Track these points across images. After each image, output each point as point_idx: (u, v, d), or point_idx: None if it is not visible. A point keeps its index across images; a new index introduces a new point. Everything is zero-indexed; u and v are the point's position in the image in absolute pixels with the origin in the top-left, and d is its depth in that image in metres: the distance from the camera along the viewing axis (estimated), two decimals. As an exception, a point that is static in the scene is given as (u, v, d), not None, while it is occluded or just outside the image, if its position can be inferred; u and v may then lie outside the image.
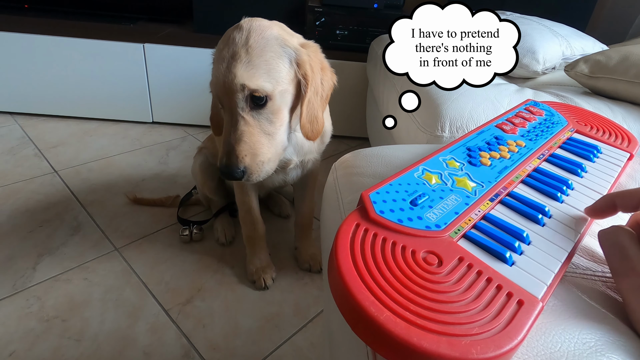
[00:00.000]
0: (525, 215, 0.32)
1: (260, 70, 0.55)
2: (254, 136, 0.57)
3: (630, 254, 0.27)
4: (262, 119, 0.58)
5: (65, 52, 1.41)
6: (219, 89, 0.57)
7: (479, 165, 0.37)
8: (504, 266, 0.27)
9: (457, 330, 0.22)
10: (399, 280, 0.24)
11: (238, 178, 0.58)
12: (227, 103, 0.57)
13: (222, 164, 0.58)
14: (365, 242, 0.27)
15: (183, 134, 1.54)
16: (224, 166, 0.58)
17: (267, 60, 0.56)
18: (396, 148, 0.49)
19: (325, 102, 0.65)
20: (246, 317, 0.81)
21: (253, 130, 0.57)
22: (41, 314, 0.77)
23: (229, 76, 0.55)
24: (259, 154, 0.58)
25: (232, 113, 0.57)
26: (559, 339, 0.25)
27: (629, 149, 0.47)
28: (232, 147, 0.57)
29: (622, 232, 0.28)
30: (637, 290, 0.26)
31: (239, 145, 0.57)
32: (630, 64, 0.78)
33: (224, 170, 0.58)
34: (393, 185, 0.32)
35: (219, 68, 0.56)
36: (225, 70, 0.55)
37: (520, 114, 0.50)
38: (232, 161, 0.57)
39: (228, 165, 0.57)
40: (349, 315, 0.24)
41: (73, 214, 1.05)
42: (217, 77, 0.56)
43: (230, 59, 0.55)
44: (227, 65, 0.55)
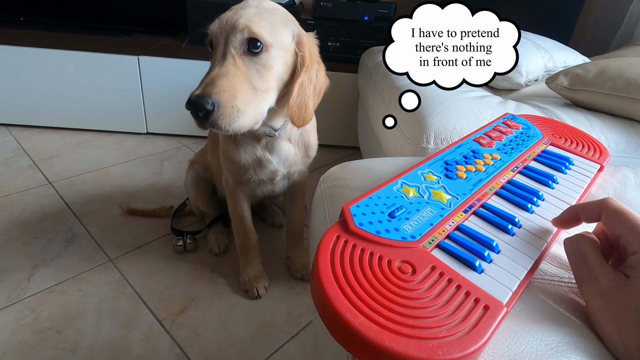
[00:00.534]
0: (496, 225, 0.34)
1: (265, 21, 0.56)
2: (237, 78, 0.53)
3: (591, 262, 0.29)
4: (252, 67, 0.55)
5: (60, 64, 1.43)
6: (217, 28, 0.55)
7: (455, 178, 0.39)
8: (473, 274, 0.29)
9: (426, 333, 0.24)
10: (375, 288, 0.26)
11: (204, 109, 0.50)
12: (222, 43, 0.55)
13: (192, 94, 0.51)
14: (344, 252, 0.29)
15: (177, 144, 1.56)
16: (194, 95, 0.50)
17: (274, 20, 0.57)
18: (381, 161, 0.51)
19: (318, 97, 0.65)
20: (239, 326, 0.82)
21: (239, 73, 0.54)
22: (36, 325, 0.78)
23: (233, 17, 0.54)
24: (238, 98, 0.52)
25: (224, 52, 0.54)
26: (523, 341, 0.27)
27: (599, 160, 0.49)
28: (211, 80, 0.51)
29: (585, 241, 0.30)
30: (597, 295, 0.28)
31: (220, 80, 0.51)
32: (607, 77, 0.81)
33: (192, 99, 0.50)
34: (372, 199, 0.35)
35: (226, 13, 0.56)
36: (231, 13, 0.55)
37: (497, 127, 0.53)
38: (206, 91, 0.50)
39: (200, 94, 0.50)
40: (328, 321, 0.26)
41: (67, 225, 1.06)
42: (220, 19, 0.56)
43: (239, 8, 0.56)
44: (234, 11, 0.55)
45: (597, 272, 0.28)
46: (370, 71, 1.15)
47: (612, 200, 0.30)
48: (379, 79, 1.05)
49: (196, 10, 1.56)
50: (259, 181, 0.77)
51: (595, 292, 0.28)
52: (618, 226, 0.29)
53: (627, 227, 0.28)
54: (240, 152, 0.73)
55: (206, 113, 0.50)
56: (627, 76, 0.79)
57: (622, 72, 0.80)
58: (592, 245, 0.30)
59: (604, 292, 0.27)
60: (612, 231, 0.30)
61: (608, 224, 0.30)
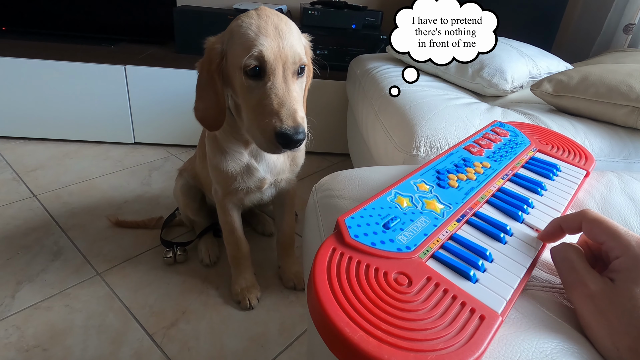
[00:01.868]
0: (489, 234, 0.35)
1: (301, 44, 0.62)
2: (300, 100, 0.62)
3: (578, 267, 0.30)
4: (298, 85, 0.62)
5: (44, 74, 1.41)
6: (272, 57, 0.58)
7: (447, 187, 0.40)
8: (468, 284, 0.29)
9: (424, 346, 0.24)
10: (372, 301, 0.26)
11: (301, 140, 0.58)
12: (280, 69, 0.59)
13: (286, 127, 0.56)
14: (341, 265, 0.29)
15: (165, 154, 1.54)
16: (291, 128, 0.56)
17: (300, 38, 0.63)
18: (372, 170, 0.51)
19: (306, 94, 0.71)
20: (232, 338, 0.81)
21: (298, 95, 0.61)
22: (21, 343, 0.76)
23: (286, 47, 0.59)
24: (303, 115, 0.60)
25: (285, 78, 0.59)
26: (518, 349, 0.27)
27: (585, 166, 0.51)
28: (294, 110, 0.58)
29: (571, 248, 0.32)
30: (587, 299, 0.29)
31: (298, 109, 0.59)
32: (590, 83, 0.84)
33: (290, 132, 0.56)
34: (367, 210, 0.35)
35: (267, 39, 0.58)
36: (281, 42, 0.58)
37: (486, 135, 0.54)
38: (297, 123, 0.57)
39: (296, 128, 0.57)
40: (326, 335, 0.26)
41: (53, 238, 1.03)
42: (268, 47, 0.58)
43: (276, 31, 0.59)
44: (278, 37, 0.58)
45: (584, 277, 0.29)
46: (359, 79, 1.16)
47: (590, 211, 0.32)
48: (368, 87, 1.06)
49: (183, 18, 1.56)
50: (247, 190, 0.77)
51: (584, 297, 0.29)
52: (599, 234, 0.30)
53: (608, 234, 0.30)
54: (227, 161, 0.73)
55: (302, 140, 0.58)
56: (608, 82, 0.81)
57: (603, 79, 0.82)
58: (578, 252, 0.31)
59: (592, 296, 0.28)
60: (594, 239, 0.31)
61: (590, 233, 0.31)
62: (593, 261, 0.32)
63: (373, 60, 1.22)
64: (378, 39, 1.58)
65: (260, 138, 0.60)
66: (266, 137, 0.58)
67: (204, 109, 0.64)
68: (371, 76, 1.09)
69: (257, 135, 0.60)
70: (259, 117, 0.59)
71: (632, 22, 1.54)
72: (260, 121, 0.58)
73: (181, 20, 1.57)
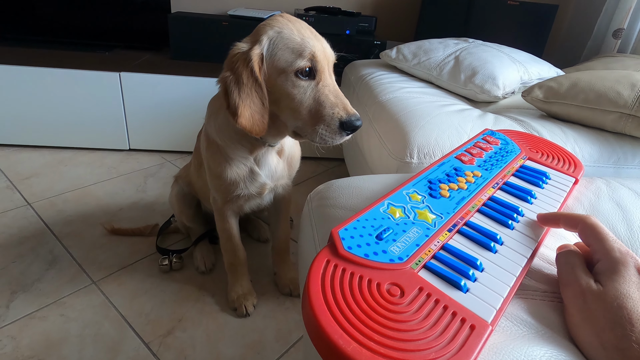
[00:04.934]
0: (479, 243, 0.36)
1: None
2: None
3: (576, 268, 0.33)
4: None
5: (38, 81, 1.40)
6: (322, 56, 0.63)
7: (438, 197, 0.41)
8: (459, 293, 0.30)
9: (416, 356, 0.25)
10: (365, 312, 0.27)
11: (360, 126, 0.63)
12: (326, 67, 0.64)
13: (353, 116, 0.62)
14: (334, 277, 0.30)
15: (161, 160, 1.54)
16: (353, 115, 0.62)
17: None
18: (367, 179, 0.52)
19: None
20: (228, 345, 0.81)
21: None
22: (16, 354, 0.75)
23: (327, 48, 0.65)
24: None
25: (331, 76, 0.65)
26: (508, 357, 0.28)
27: (574, 174, 0.52)
28: (347, 101, 0.64)
29: (574, 254, 0.34)
30: (577, 296, 0.31)
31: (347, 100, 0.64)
32: (579, 90, 0.85)
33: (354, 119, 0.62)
34: (360, 221, 0.35)
35: (313, 43, 0.62)
36: (322, 43, 0.64)
37: (478, 144, 0.55)
38: (354, 111, 0.63)
39: (356, 114, 0.63)
40: (320, 347, 0.26)
41: (48, 247, 1.03)
42: (318, 49, 0.63)
43: (312, 34, 0.64)
44: (320, 41, 0.64)
45: (579, 276, 0.32)
46: (354, 85, 1.17)
47: (592, 218, 0.35)
48: (362, 93, 1.07)
49: (178, 25, 1.56)
50: (248, 196, 0.78)
51: (577, 294, 0.31)
52: (589, 236, 0.34)
53: (596, 239, 0.33)
54: (232, 168, 0.74)
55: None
56: (597, 89, 0.82)
57: (593, 85, 0.84)
58: (579, 257, 0.34)
59: (584, 293, 0.30)
60: (585, 241, 0.35)
61: (582, 235, 0.35)
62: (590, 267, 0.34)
63: (367, 67, 1.23)
64: (372, 44, 1.60)
65: (323, 131, 0.63)
66: (332, 128, 0.62)
67: (250, 116, 0.64)
68: (365, 82, 1.10)
69: (316, 131, 0.63)
70: (318, 113, 0.62)
71: (621, 27, 1.57)
72: (321, 116, 0.62)
73: (176, 27, 1.57)
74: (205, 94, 1.50)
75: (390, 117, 0.85)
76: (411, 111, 0.84)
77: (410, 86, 1.04)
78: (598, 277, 0.31)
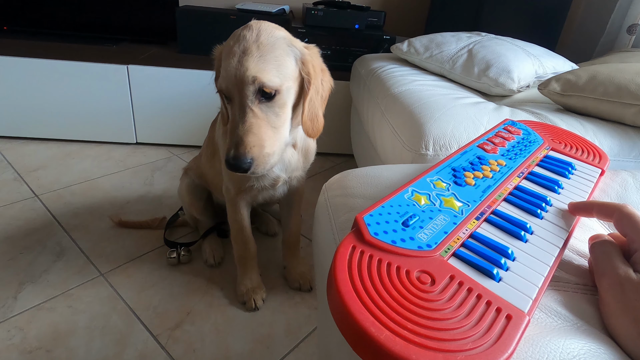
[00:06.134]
0: (509, 232, 0.34)
1: (270, 65, 0.58)
2: (261, 128, 0.58)
3: (613, 258, 0.31)
4: (269, 112, 0.59)
5: (45, 74, 1.40)
6: (230, 82, 0.58)
7: (464, 185, 0.39)
8: (491, 282, 0.29)
9: (452, 346, 0.23)
10: (396, 300, 0.26)
11: (245, 169, 0.58)
12: (237, 96, 0.58)
13: (229, 155, 0.57)
14: (362, 264, 0.28)
15: (168, 154, 1.53)
16: (231, 157, 0.57)
17: (277, 57, 0.58)
18: (384, 168, 0.50)
19: (324, 102, 0.68)
20: (237, 339, 0.80)
21: (261, 122, 0.58)
22: (24, 345, 0.75)
23: (240, 69, 0.56)
24: (266, 146, 0.59)
25: (241, 106, 0.58)
26: (545, 350, 0.26)
27: (600, 165, 0.50)
28: (240, 139, 0.57)
29: (610, 243, 0.33)
30: (614, 285, 0.30)
31: (247, 137, 0.57)
32: (598, 82, 0.83)
33: (231, 161, 0.57)
34: (385, 207, 0.34)
35: (231, 62, 0.57)
36: (237, 64, 0.57)
37: (499, 133, 0.53)
38: (240, 152, 0.57)
39: (236, 156, 0.57)
40: (350, 335, 0.25)
41: (56, 239, 1.02)
42: (228, 71, 0.57)
43: (241, 54, 0.57)
44: (238, 59, 0.57)
45: (617, 265, 0.31)
46: (364, 79, 1.16)
47: (629, 206, 0.33)
48: (373, 86, 1.06)
49: (186, 18, 1.55)
50: (261, 187, 0.77)
51: (614, 283, 0.30)
52: (626, 226, 0.32)
53: (633, 228, 0.32)
54: None
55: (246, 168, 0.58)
56: (617, 81, 0.80)
57: (612, 78, 0.81)
58: (615, 247, 0.33)
59: (622, 283, 0.29)
60: (621, 231, 0.33)
61: (619, 224, 0.33)
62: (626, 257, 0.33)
63: (377, 60, 1.21)
64: (381, 39, 1.58)
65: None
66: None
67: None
68: (376, 76, 1.08)
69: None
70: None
71: (635, 22, 1.54)
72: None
73: (183, 21, 1.56)
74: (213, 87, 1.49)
75: (403, 109, 0.84)
76: (425, 103, 0.82)
77: (422, 79, 1.02)
78: (637, 266, 0.30)
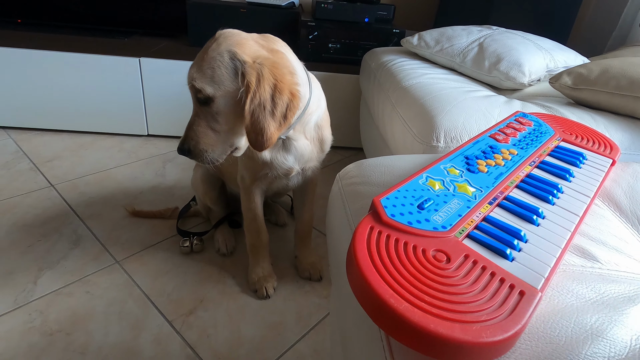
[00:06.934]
0: (521, 216, 0.35)
1: (206, 75, 0.64)
2: (200, 127, 0.68)
3: None
4: (208, 115, 0.67)
5: (59, 66, 1.42)
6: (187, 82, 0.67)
7: (476, 172, 0.40)
8: (505, 262, 0.30)
9: (468, 317, 0.24)
10: (413, 275, 0.27)
11: (184, 153, 0.69)
12: (192, 95, 0.68)
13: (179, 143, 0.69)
14: (380, 242, 0.30)
15: (179, 146, 1.55)
16: (179, 143, 0.69)
17: (214, 68, 0.64)
18: (397, 158, 0.52)
19: (280, 121, 0.65)
20: (249, 326, 0.82)
21: (201, 122, 0.68)
22: (44, 328, 0.77)
23: (188, 74, 0.66)
24: (200, 143, 0.68)
25: (194, 104, 0.68)
26: (557, 325, 0.28)
27: (611, 155, 0.51)
28: (185, 131, 0.69)
29: None
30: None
31: (188, 131, 0.68)
32: (610, 76, 0.83)
33: (178, 146, 0.69)
34: (401, 192, 0.35)
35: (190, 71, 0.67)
36: (189, 69, 0.66)
37: (511, 124, 0.54)
38: (181, 141, 0.69)
39: (179, 144, 0.69)
40: (371, 307, 0.26)
41: (72, 227, 1.05)
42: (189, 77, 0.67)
43: (195, 60, 0.66)
44: (192, 64, 0.66)
45: None
46: (374, 72, 1.16)
47: None
48: (384, 80, 1.06)
49: (196, 11, 1.57)
50: (275, 176, 0.80)
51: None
52: None
53: None
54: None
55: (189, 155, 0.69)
56: (630, 75, 0.80)
57: (625, 72, 0.81)
58: None
59: None
60: None
61: None
62: None
63: (388, 54, 1.22)
64: (391, 32, 1.58)
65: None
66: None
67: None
68: (387, 69, 1.09)
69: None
70: None
71: (649, 16, 1.52)
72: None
73: (194, 14, 1.57)
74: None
75: (414, 102, 0.84)
76: (436, 96, 0.83)
77: (433, 72, 1.03)
78: None
